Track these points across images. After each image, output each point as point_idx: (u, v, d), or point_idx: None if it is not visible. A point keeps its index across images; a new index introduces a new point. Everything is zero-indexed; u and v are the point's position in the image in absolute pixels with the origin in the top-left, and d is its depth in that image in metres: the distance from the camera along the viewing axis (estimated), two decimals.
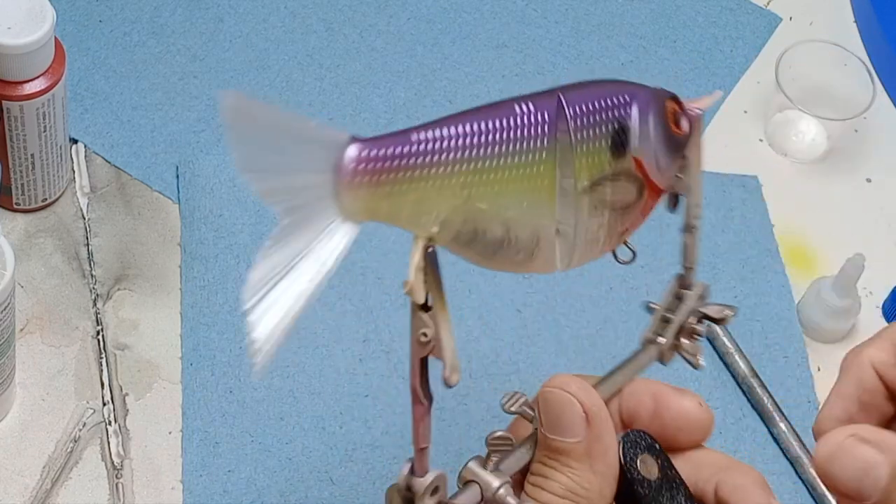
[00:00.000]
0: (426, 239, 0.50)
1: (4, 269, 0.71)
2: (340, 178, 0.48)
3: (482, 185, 0.50)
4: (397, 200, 0.49)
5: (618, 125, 0.53)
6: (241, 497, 0.77)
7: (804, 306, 0.89)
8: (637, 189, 0.55)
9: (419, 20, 1.00)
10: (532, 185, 0.51)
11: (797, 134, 0.98)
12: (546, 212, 0.52)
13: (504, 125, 0.51)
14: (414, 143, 0.49)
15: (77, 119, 0.90)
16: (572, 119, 0.52)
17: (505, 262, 0.53)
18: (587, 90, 0.53)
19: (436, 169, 0.50)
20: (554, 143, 0.52)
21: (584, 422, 0.55)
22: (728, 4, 1.05)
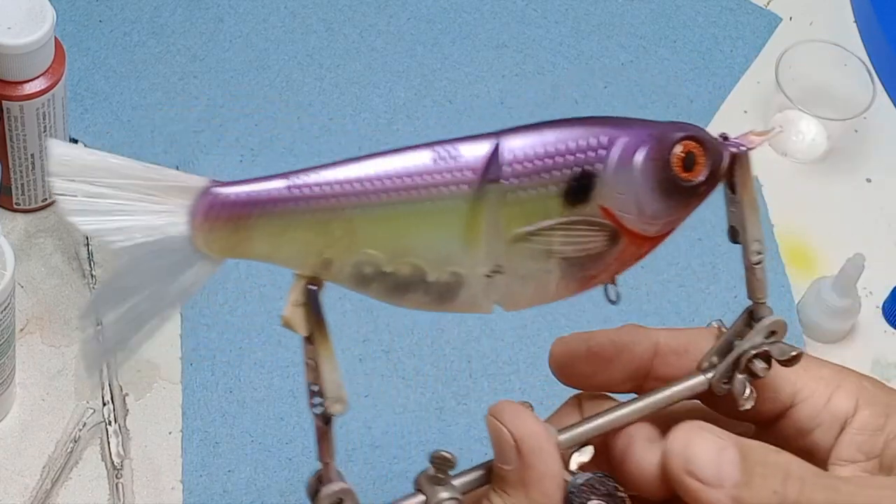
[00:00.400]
0: (310, 276, 0.51)
1: (4, 269, 0.71)
2: (193, 218, 0.50)
3: (371, 231, 0.51)
4: (261, 243, 0.50)
5: (579, 171, 0.51)
6: (241, 497, 0.77)
7: (804, 306, 0.89)
8: (606, 237, 0.53)
9: (419, 20, 1.00)
10: (443, 231, 0.51)
11: (797, 134, 0.98)
12: (461, 257, 0.52)
13: (405, 170, 0.51)
14: (279, 186, 0.50)
15: (77, 119, 0.90)
16: (508, 165, 0.51)
17: (418, 304, 0.53)
18: (541, 133, 0.52)
19: (305, 213, 0.50)
20: (477, 189, 0.51)
21: (514, 450, 0.55)
22: (728, 4, 1.05)
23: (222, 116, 0.93)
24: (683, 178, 0.53)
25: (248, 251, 0.51)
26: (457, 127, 0.95)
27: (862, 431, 0.55)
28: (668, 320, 0.87)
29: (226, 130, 0.92)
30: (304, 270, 0.51)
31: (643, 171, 0.52)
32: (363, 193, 0.51)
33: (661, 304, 0.88)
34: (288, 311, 0.51)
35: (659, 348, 0.57)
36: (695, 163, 0.53)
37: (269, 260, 0.51)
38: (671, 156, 0.52)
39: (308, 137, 0.93)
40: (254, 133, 0.92)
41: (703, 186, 0.53)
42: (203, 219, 0.50)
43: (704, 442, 0.53)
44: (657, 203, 0.53)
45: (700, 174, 0.53)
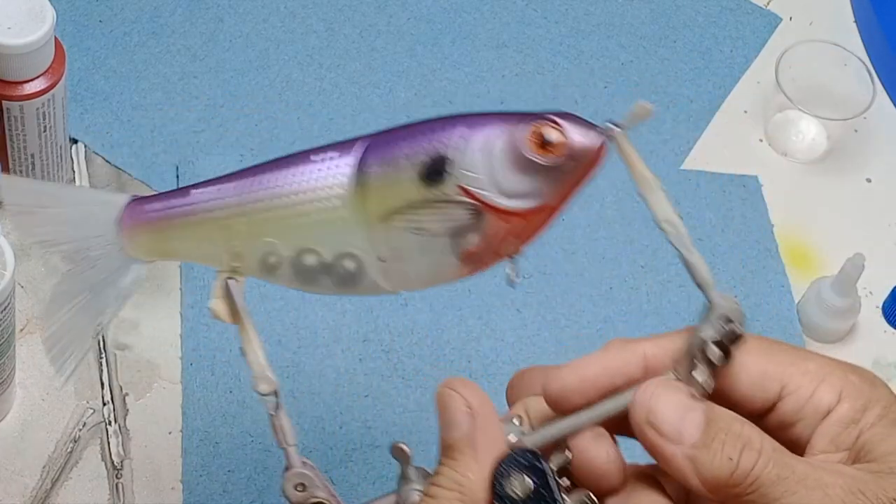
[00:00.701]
0: (228, 272, 0.59)
1: (4, 269, 0.71)
2: (120, 228, 0.60)
3: (268, 223, 0.58)
4: (178, 243, 0.60)
5: (431, 157, 0.57)
6: (241, 497, 0.77)
7: (804, 306, 0.89)
8: (469, 213, 0.57)
9: (419, 20, 1.00)
10: (329, 218, 0.58)
11: (797, 134, 0.98)
12: (352, 241, 0.58)
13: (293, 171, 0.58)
14: (187, 196, 0.59)
15: (77, 119, 0.90)
16: (373, 158, 0.57)
17: (325, 288, 0.59)
18: (405, 128, 0.58)
19: (210, 215, 0.59)
20: (352, 179, 0.57)
21: (467, 416, 0.57)
22: (728, 4, 1.05)
23: (222, 116, 0.93)
24: (537, 155, 0.56)
25: (170, 252, 0.60)
26: None
27: (838, 423, 0.56)
28: (668, 320, 0.87)
29: (226, 130, 0.92)
30: (222, 266, 0.59)
31: (494, 152, 0.57)
32: (258, 191, 0.58)
33: (660, 304, 0.88)
34: (213, 303, 0.59)
35: (647, 361, 0.59)
36: (553, 143, 0.56)
37: (189, 259, 0.61)
38: (524, 135, 0.56)
39: (308, 137, 0.93)
40: (254, 133, 0.92)
41: (568, 164, 0.56)
42: (127, 228, 0.60)
43: (670, 398, 0.56)
44: (513, 179, 0.57)
45: (559, 152, 0.56)
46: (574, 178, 0.57)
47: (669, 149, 0.96)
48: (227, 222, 0.59)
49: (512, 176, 0.57)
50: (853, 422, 0.56)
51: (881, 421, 0.56)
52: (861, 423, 0.56)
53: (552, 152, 0.56)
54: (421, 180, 0.57)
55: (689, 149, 0.97)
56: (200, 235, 0.59)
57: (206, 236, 0.59)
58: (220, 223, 0.59)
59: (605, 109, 0.97)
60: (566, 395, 0.58)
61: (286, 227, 0.58)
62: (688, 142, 0.97)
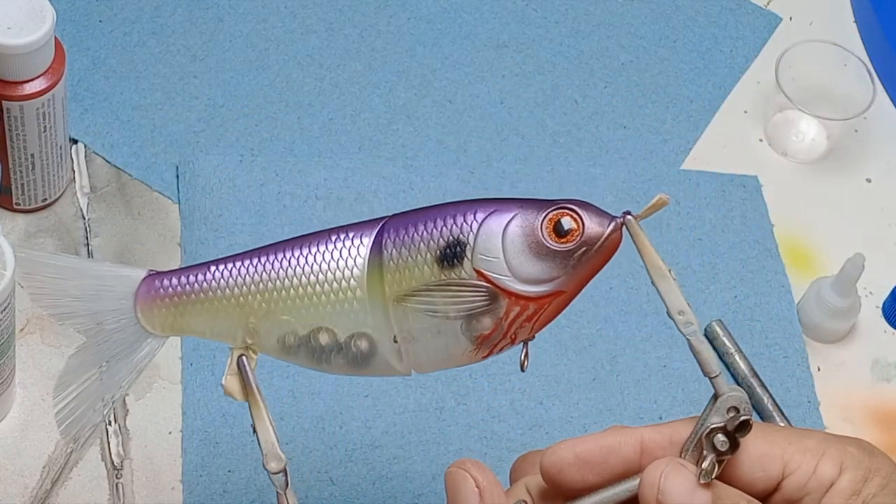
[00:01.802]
0: (241, 349, 0.60)
1: (4, 269, 0.71)
2: (137, 303, 0.61)
3: (284, 303, 0.59)
4: (194, 319, 0.61)
5: (449, 240, 0.58)
6: (241, 497, 0.77)
7: (804, 306, 0.89)
8: (485, 297, 0.58)
9: (419, 20, 1.00)
10: (344, 299, 0.59)
11: (797, 134, 0.98)
12: (366, 322, 0.59)
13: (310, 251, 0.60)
14: (204, 273, 0.60)
15: (77, 119, 0.90)
16: (389, 240, 0.59)
17: (339, 368, 0.60)
18: (422, 211, 0.59)
19: (226, 292, 0.60)
20: (367, 260, 0.59)
21: (476, 496, 0.58)
22: (728, 4, 1.05)
23: (222, 116, 0.93)
24: (553, 242, 0.58)
25: (185, 328, 0.61)
26: (457, 127, 0.95)
27: (841, 495, 0.58)
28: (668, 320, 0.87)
29: (226, 130, 0.92)
30: (235, 343, 0.61)
31: (510, 237, 0.58)
32: (274, 272, 0.60)
33: (660, 305, 0.88)
34: (225, 380, 0.60)
35: (644, 445, 0.60)
36: (568, 230, 0.58)
37: (203, 335, 0.61)
38: (542, 222, 0.58)
39: (308, 137, 0.93)
40: (254, 133, 0.92)
41: (581, 250, 0.58)
42: (144, 303, 0.61)
43: (680, 477, 0.57)
44: (529, 265, 0.58)
45: (574, 239, 0.58)
46: (589, 265, 0.59)
47: (669, 149, 0.96)
48: (243, 300, 0.60)
49: (528, 261, 0.58)
50: (855, 493, 0.57)
51: (882, 491, 0.57)
52: (863, 493, 0.57)
53: (568, 239, 0.58)
54: (437, 263, 0.58)
55: (688, 149, 0.97)
56: (216, 312, 0.60)
57: (222, 313, 0.60)
58: (236, 301, 0.60)
59: (605, 109, 0.97)
60: (562, 468, 0.59)
61: (302, 307, 0.59)
62: (688, 142, 0.97)
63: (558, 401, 0.84)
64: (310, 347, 0.60)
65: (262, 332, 0.60)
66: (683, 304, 0.60)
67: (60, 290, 0.61)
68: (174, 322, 0.61)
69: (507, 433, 0.81)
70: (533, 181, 0.92)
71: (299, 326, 0.60)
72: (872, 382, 0.88)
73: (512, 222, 0.58)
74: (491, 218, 0.59)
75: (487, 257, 0.58)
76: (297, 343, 0.60)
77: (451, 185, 0.91)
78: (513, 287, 0.58)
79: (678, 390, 0.85)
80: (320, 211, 0.88)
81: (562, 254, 0.58)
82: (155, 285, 0.61)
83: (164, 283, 0.61)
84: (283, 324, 0.60)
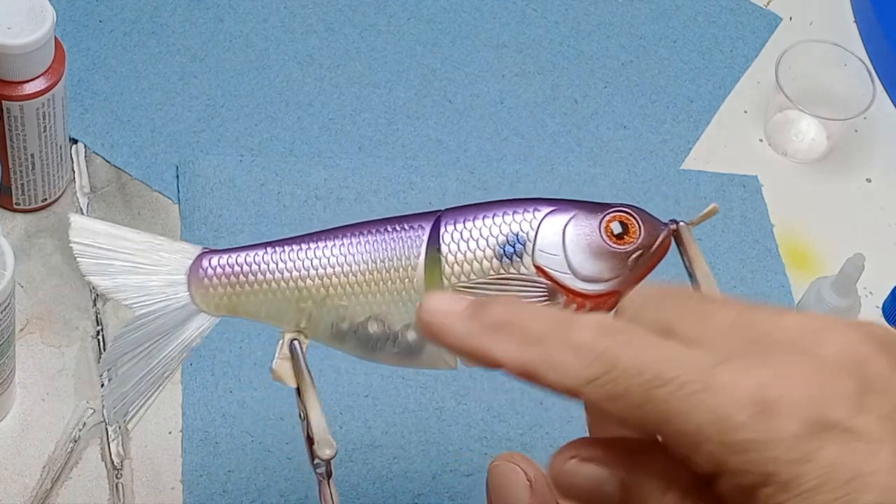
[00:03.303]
0: (294, 333, 0.60)
1: (4, 269, 0.71)
2: (191, 280, 0.60)
3: (341, 287, 0.59)
4: (250, 301, 0.60)
5: (509, 237, 0.59)
6: (241, 497, 0.77)
7: (804, 306, 0.89)
8: (543, 293, 0.59)
9: (419, 20, 1.00)
10: (401, 288, 0.59)
11: (797, 134, 0.98)
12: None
13: (368, 240, 0.60)
14: (261, 253, 0.60)
15: (77, 119, 0.90)
16: (447, 232, 0.59)
17: (389, 357, 0.60)
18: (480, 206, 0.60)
19: (287, 275, 0.60)
20: (425, 252, 0.59)
21: (527, 489, 0.57)
22: (728, 4, 1.05)
23: (222, 116, 0.93)
24: (613, 243, 0.59)
25: (239, 309, 0.60)
26: (457, 127, 0.95)
27: None
28: None
29: (226, 130, 0.92)
30: (288, 327, 0.60)
31: (571, 235, 0.59)
32: (331, 264, 0.59)
33: None
34: (276, 364, 0.60)
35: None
36: (626, 232, 0.60)
37: (256, 318, 0.60)
38: (601, 223, 0.59)
39: (308, 137, 0.93)
40: (254, 133, 0.92)
41: (636, 252, 0.60)
42: (199, 282, 0.60)
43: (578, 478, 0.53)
44: (589, 264, 0.59)
45: (632, 241, 0.60)
46: (643, 268, 0.60)
47: (669, 149, 0.96)
48: (301, 284, 0.60)
49: (588, 260, 0.59)
50: None
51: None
52: None
53: (626, 241, 0.60)
54: (497, 257, 0.59)
55: (689, 149, 0.97)
56: (274, 295, 0.60)
57: (279, 296, 0.60)
58: (294, 284, 0.60)
59: (605, 109, 0.97)
60: None
61: (361, 294, 0.59)
62: (688, 142, 0.97)
63: (558, 401, 0.83)
64: (361, 335, 0.60)
65: (315, 318, 0.60)
66: None
67: (114, 261, 0.60)
68: (229, 302, 0.60)
69: (507, 433, 0.82)
70: (533, 181, 0.92)
71: (355, 314, 0.60)
72: None
73: (572, 221, 0.59)
74: (551, 216, 0.60)
75: (548, 254, 0.59)
76: (350, 330, 0.60)
77: (451, 185, 0.91)
78: (572, 284, 0.59)
79: None
80: (320, 211, 0.88)
81: (620, 255, 0.59)
82: (212, 264, 0.60)
83: (221, 261, 0.60)
84: (339, 310, 0.60)
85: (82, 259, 0.60)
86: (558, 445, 0.85)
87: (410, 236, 0.60)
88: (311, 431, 0.58)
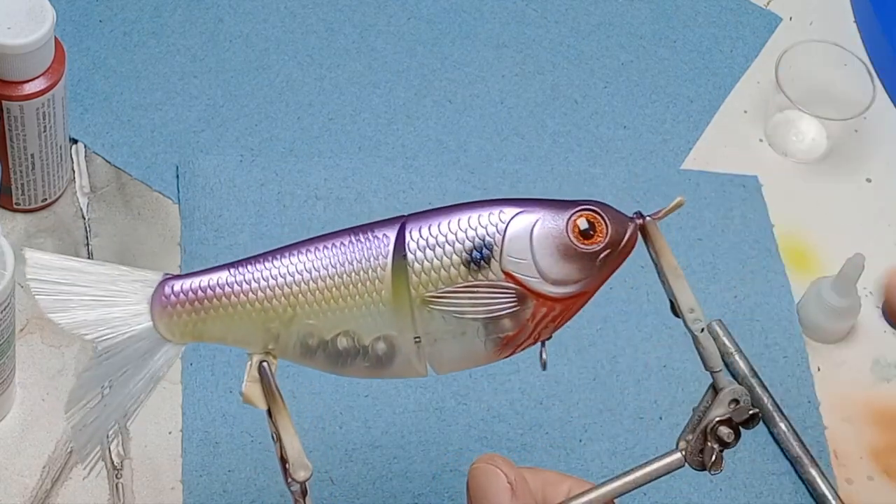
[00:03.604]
0: (262, 354, 0.59)
1: (4, 269, 0.71)
2: (153, 309, 0.58)
3: (308, 305, 0.58)
4: (216, 326, 0.58)
5: (476, 242, 0.58)
6: (241, 497, 0.77)
7: (804, 306, 0.89)
8: (513, 299, 0.58)
9: (419, 20, 1.00)
10: (369, 301, 0.58)
11: (797, 134, 0.98)
12: (390, 324, 0.58)
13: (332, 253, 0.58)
14: (224, 275, 0.58)
15: (77, 119, 0.90)
16: (413, 240, 0.58)
17: (359, 371, 0.59)
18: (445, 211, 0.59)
19: (252, 296, 0.58)
20: (391, 262, 0.58)
21: (508, 492, 0.58)
22: (728, 4, 1.05)
23: (222, 116, 0.93)
24: (581, 244, 0.59)
25: (204, 334, 0.59)
26: (457, 127, 0.95)
27: None
28: (668, 320, 0.87)
29: (226, 130, 0.92)
30: (256, 349, 0.59)
31: (538, 238, 0.58)
32: (297, 274, 0.58)
33: (661, 304, 0.88)
34: (246, 387, 0.59)
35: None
36: (594, 232, 0.59)
37: (224, 341, 0.59)
38: (567, 224, 0.59)
39: (308, 137, 0.93)
40: (254, 133, 0.92)
41: (604, 252, 0.59)
42: (161, 309, 0.58)
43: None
44: (558, 267, 0.59)
45: (598, 241, 0.59)
46: (611, 266, 0.60)
47: (669, 149, 0.96)
48: (268, 304, 0.58)
49: (557, 263, 0.59)
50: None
51: None
52: None
53: (594, 241, 0.59)
54: (464, 265, 0.58)
55: (688, 149, 0.97)
56: (240, 318, 0.58)
57: (245, 319, 0.58)
58: (260, 305, 0.58)
59: (605, 109, 0.97)
60: None
61: (328, 310, 0.58)
62: (688, 142, 0.97)
63: (558, 401, 0.84)
64: (331, 351, 0.59)
65: (283, 337, 0.59)
66: (694, 301, 0.61)
67: (72, 296, 0.58)
68: (194, 329, 0.59)
69: (507, 433, 0.81)
70: (533, 181, 0.92)
71: (324, 330, 0.59)
72: (872, 382, 0.88)
73: (538, 224, 0.59)
74: (517, 219, 0.59)
75: (516, 259, 0.58)
76: (318, 346, 0.59)
77: (451, 185, 0.91)
78: (542, 289, 0.59)
79: (678, 390, 0.85)
80: (320, 211, 0.88)
81: (588, 255, 0.59)
82: (174, 290, 0.59)
83: (184, 287, 0.59)
84: (307, 328, 0.58)
85: (41, 297, 0.58)
86: (558, 445, 0.86)
87: (375, 245, 0.58)
88: (284, 453, 0.58)
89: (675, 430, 0.83)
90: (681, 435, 0.62)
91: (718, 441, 0.60)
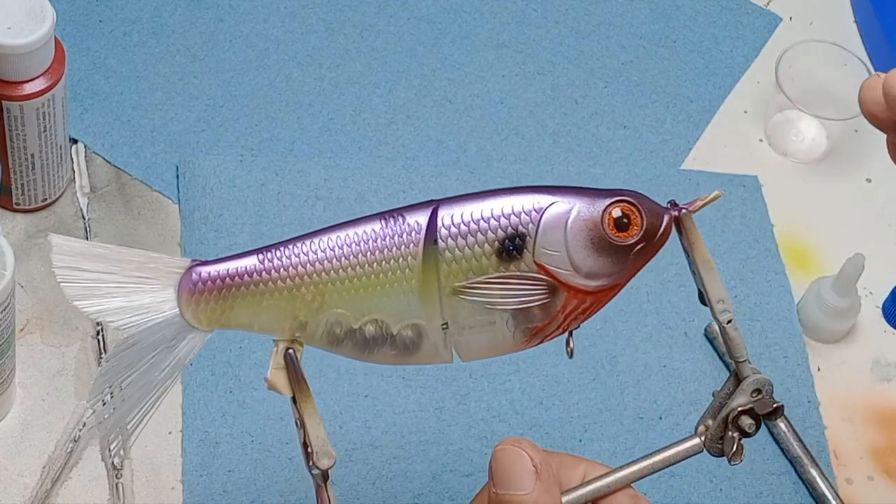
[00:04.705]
0: (288, 341, 0.58)
1: (4, 269, 0.71)
2: (180, 295, 0.57)
3: (337, 293, 0.57)
4: (243, 313, 0.57)
5: (511, 232, 0.57)
6: (241, 497, 0.77)
7: (804, 306, 0.89)
8: (544, 290, 0.58)
9: (419, 20, 1.00)
10: (398, 289, 0.57)
11: (797, 134, 0.98)
12: (418, 311, 0.58)
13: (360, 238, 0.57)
14: (252, 261, 0.57)
15: (77, 119, 0.90)
16: (444, 228, 0.57)
17: (385, 357, 0.59)
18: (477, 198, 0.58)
19: (281, 283, 0.57)
20: (421, 249, 0.57)
21: (533, 475, 0.57)
22: (728, 4, 1.05)
23: (222, 116, 0.93)
24: (616, 237, 0.58)
25: (232, 321, 0.58)
26: (457, 127, 0.95)
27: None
28: (668, 320, 0.87)
29: (226, 130, 0.92)
30: (283, 335, 0.58)
31: (573, 231, 0.57)
32: (327, 261, 0.57)
33: (661, 304, 0.88)
34: (271, 374, 0.58)
35: None
36: (629, 224, 0.58)
37: (250, 328, 0.58)
38: (603, 216, 0.58)
39: (308, 137, 0.93)
40: (254, 133, 0.92)
41: (639, 245, 0.58)
42: (189, 296, 0.57)
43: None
44: (591, 260, 0.58)
45: (634, 234, 0.58)
46: (644, 258, 0.59)
47: (669, 149, 0.96)
48: (296, 292, 0.57)
49: (590, 256, 0.58)
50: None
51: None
52: None
53: (629, 234, 0.58)
54: (496, 255, 0.57)
55: (688, 149, 0.97)
56: (267, 304, 0.57)
57: (273, 305, 0.57)
58: (289, 293, 0.57)
59: (605, 109, 0.97)
60: None
61: (357, 298, 0.57)
62: (688, 142, 0.97)
63: (558, 401, 0.84)
64: (359, 339, 0.58)
65: (311, 325, 0.58)
66: (724, 293, 0.60)
67: (97, 282, 0.56)
68: (221, 315, 0.57)
69: (507, 433, 0.81)
70: (533, 181, 0.92)
71: (352, 318, 0.58)
72: (872, 382, 0.88)
73: (572, 215, 0.58)
74: (551, 209, 0.58)
75: (550, 251, 0.57)
76: (346, 334, 0.58)
77: (451, 185, 0.91)
78: (575, 281, 0.58)
79: (678, 390, 0.85)
80: (320, 211, 0.88)
81: (623, 248, 0.58)
82: (202, 276, 0.57)
83: (212, 273, 0.57)
84: (335, 316, 0.58)
85: (66, 284, 0.56)
86: (558, 445, 0.86)
87: (406, 232, 0.57)
88: (308, 440, 0.57)
89: (676, 429, 0.84)
90: (700, 419, 0.62)
91: (739, 430, 0.60)
